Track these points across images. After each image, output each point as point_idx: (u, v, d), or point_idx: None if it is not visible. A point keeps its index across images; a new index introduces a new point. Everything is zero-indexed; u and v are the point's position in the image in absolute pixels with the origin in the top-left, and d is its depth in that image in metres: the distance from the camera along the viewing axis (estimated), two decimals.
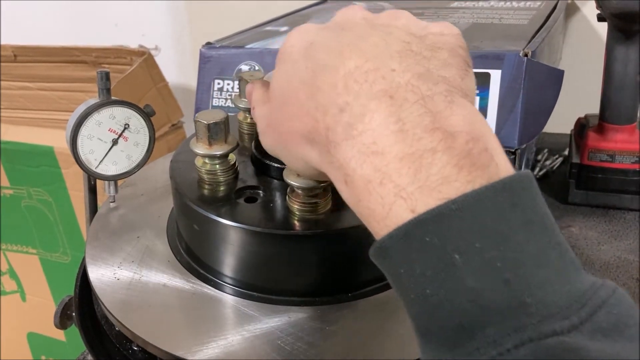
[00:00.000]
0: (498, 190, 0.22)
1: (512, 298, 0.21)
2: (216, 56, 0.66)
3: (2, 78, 1.13)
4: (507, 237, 0.22)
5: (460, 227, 0.22)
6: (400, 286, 0.24)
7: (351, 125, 0.24)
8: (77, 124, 0.44)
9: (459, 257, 0.22)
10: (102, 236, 0.46)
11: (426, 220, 0.22)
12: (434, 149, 0.23)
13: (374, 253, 0.24)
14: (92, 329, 0.43)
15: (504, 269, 0.21)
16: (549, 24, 0.68)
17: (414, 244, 0.22)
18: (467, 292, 0.22)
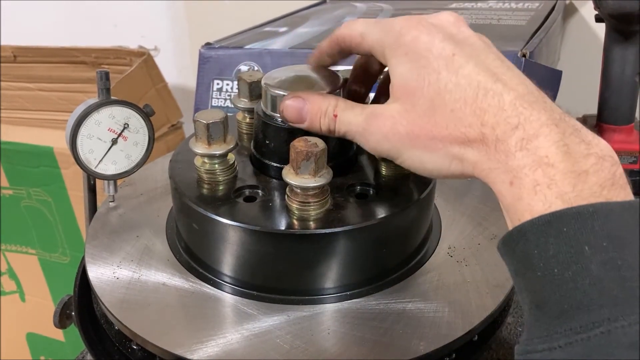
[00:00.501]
0: (626, 208, 0.28)
1: (626, 291, 0.26)
2: (215, 57, 0.66)
3: (2, 79, 1.13)
4: (628, 245, 0.27)
5: (592, 227, 0.27)
6: (528, 265, 0.28)
7: (526, 140, 0.30)
8: (77, 123, 0.44)
9: (588, 249, 0.27)
10: (102, 235, 0.46)
11: (567, 214, 0.27)
12: (587, 172, 0.29)
13: (509, 236, 0.29)
14: (91, 328, 0.43)
15: (623, 268, 0.26)
16: (547, 25, 0.69)
17: (552, 231, 0.27)
18: (590, 277, 0.26)
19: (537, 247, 0.28)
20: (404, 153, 0.35)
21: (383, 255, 0.40)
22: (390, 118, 0.35)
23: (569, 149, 0.29)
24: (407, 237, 0.41)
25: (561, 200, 0.28)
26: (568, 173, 0.29)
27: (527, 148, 0.29)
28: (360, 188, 0.41)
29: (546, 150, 0.29)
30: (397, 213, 0.39)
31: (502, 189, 0.30)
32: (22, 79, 1.12)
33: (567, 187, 0.28)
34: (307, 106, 0.38)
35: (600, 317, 0.26)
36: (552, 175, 0.29)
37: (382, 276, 0.40)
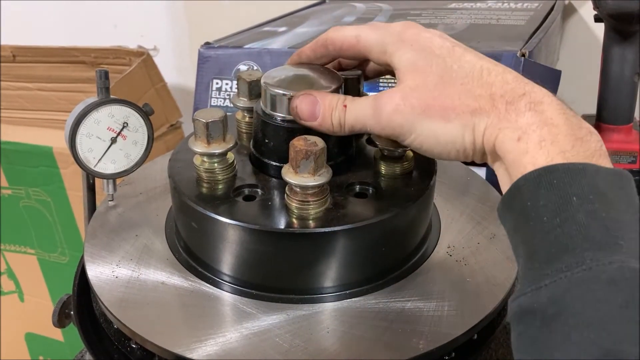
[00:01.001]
0: (611, 173, 0.31)
1: (610, 238, 0.28)
2: (215, 56, 0.66)
3: (2, 78, 1.13)
4: (612, 202, 0.29)
5: (580, 182, 0.30)
6: (522, 217, 0.31)
7: (534, 103, 0.33)
8: (76, 122, 0.44)
9: (576, 199, 0.29)
10: (101, 234, 0.46)
11: (558, 168, 0.30)
12: (582, 139, 0.32)
13: (508, 195, 0.32)
14: (90, 327, 0.43)
15: (607, 219, 0.29)
16: (546, 25, 0.69)
17: (543, 183, 0.30)
18: (576, 223, 0.29)
19: (530, 199, 0.30)
20: (416, 126, 0.36)
21: (382, 254, 0.40)
22: (401, 93, 0.36)
23: (567, 117, 0.33)
24: (406, 236, 0.41)
25: (562, 157, 0.31)
26: (569, 135, 0.32)
27: (535, 110, 0.33)
28: (360, 187, 0.41)
29: (551, 112, 0.33)
30: (397, 212, 0.39)
31: (510, 146, 0.33)
32: (21, 78, 1.12)
33: (567, 146, 0.31)
34: (319, 103, 0.38)
35: (583, 258, 0.28)
36: (555, 133, 0.32)
37: (381, 275, 0.40)
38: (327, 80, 0.41)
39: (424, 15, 0.78)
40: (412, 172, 0.42)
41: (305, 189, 0.37)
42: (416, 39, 0.37)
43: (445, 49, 0.37)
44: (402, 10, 0.83)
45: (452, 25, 0.71)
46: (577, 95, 0.78)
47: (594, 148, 0.32)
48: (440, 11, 0.81)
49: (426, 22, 0.74)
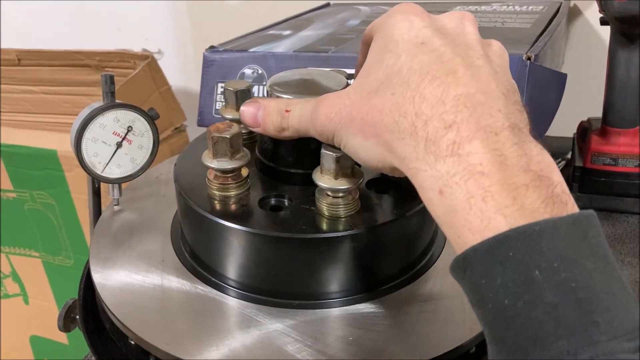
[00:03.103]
0: (570, 223, 0.25)
1: (584, 316, 0.24)
2: (219, 60, 0.66)
3: (6, 82, 1.13)
4: (577, 263, 0.24)
5: (540, 247, 0.24)
6: (479, 296, 0.26)
7: (458, 144, 0.27)
8: (82, 127, 0.44)
9: (539, 273, 0.24)
10: (106, 239, 0.46)
11: (511, 237, 0.25)
12: (527, 185, 0.26)
13: (455, 264, 0.27)
14: (96, 332, 0.43)
15: (577, 289, 0.24)
16: (552, 28, 0.68)
17: (497, 257, 0.25)
18: (544, 305, 0.24)
19: (484, 276, 0.25)
20: (341, 137, 0.33)
21: (390, 260, 0.40)
22: (336, 98, 0.33)
23: (506, 159, 0.26)
24: (413, 241, 0.41)
25: (502, 215, 0.25)
26: (505, 185, 0.26)
27: (458, 153, 0.27)
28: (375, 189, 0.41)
29: (480, 157, 0.26)
30: (401, 218, 0.38)
31: (432, 197, 0.28)
32: (26, 82, 1.13)
33: (507, 199, 0.25)
34: (260, 111, 0.37)
35: (559, 351, 0.23)
36: (486, 186, 0.26)
37: (388, 280, 0.40)
38: (333, 83, 0.41)
39: None
40: None
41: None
42: (391, 30, 0.32)
43: (412, 44, 0.30)
44: None
45: None
46: (582, 99, 0.78)
47: (546, 194, 0.26)
48: None
49: None
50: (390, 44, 0.31)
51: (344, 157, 0.36)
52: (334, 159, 0.36)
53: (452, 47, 0.30)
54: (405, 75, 0.29)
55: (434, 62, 0.29)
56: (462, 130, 0.27)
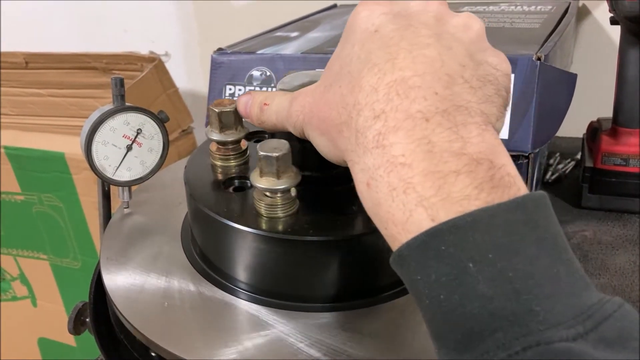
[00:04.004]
0: (512, 208, 0.24)
1: (521, 306, 0.23)
2: (227, 62, 0.66)
3: (14, 85, 1.14)
4: (519, 250, 0.24)
5: (474, 239, 0.23)
6: (417, 292, 0.25)
7: (383, 135, 0.26)
8: (92, 130, 0.44)
9: (473, 266, 0.23)
10: (117, 242, 0.46)
11: (442, 230, 0.24)
12: (458, 171, 0.25)
13: (393, 261, 0.26)
14: (106, 334, 0.43)
15: (515, 279, 0.23)
16: (561, 28, 0.68)
17: (430, 252, 0.24)
18: (478, 298, 0.23)
19: (419, 272, 0.24)
20: (308, 133, 0.33)
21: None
22: (305, 93, 0.33)
23: (433, 146, 0.25)
24: None
25: (422, 207, 0.25)
26: (430, 174, 0.25)
27: (382, 145, 0.26)
28: None
29: (403, 148, 0.25)
30: None
31: (361, 189, 0.27)
32: (33, 84, 1.13)
33: (429, 190, 0.25)
34: (250, 100, 0.38)
35: (495, 344, 0.23)
36: (408, 177, 0.25)
37: (400, 282, 0.40)
38: None
39: None
40: None
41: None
42: (352, 21, 0.31)
43: (367, 33, 0.29)
44: None
45: None
46: (592, 98, 0.78)
47: (483, 178, 0.25)
48: None
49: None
50: (350, 35, 0.31)
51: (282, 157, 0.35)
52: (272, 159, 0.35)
53: (402, 31, 0.29)
54: (353, 66, 0.29)
55: (379, 49, 0.28)
56: (389, 119, 0.26)
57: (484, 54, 0.30)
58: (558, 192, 0.75)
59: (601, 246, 0.63)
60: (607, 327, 0.23)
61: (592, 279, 0.57)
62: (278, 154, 0.35)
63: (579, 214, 0.70)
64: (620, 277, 0.58)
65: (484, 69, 0.29)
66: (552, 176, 0.78)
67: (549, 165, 0.80)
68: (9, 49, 1.15)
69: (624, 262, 0.60)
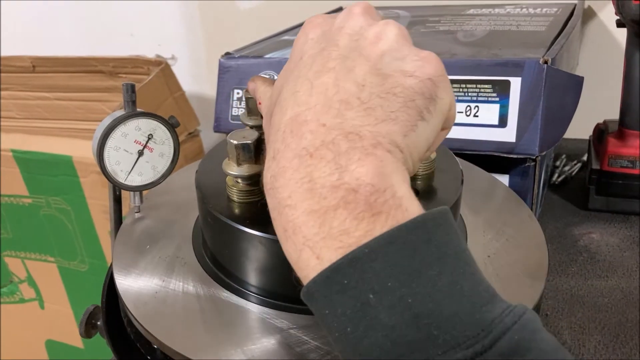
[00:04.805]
0: (410, 229, 0.24)
1: (421, 331, 0.23)
2: (235, 66, 0.67)
3: (21, 89, 1.14)
4: (419, 273, 0.24)
5: (373, 269, 0.24)
6: (327, 326, 0.26)
7: (274, 177, 0.27)
8: (104, 135, 0.44)
9: (373, 297, 0.23)
10: (128, 246, 0.46)
11: (342, 264, 0.24)
12: (335, 206, 0.25)
13: (303, 296, 0.26)
14: (119, 338, 0.44)
15: (414, 304, 0.23)
16: (567, 31, 0.68)
17: (334, 287, 0.24)
18: (381, 328, 0.23)
19: (326, 306, 0.25)
20: None
21: None
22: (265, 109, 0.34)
23: (314, 184, 0.25)
24: None
25: (308, 247, 0.25)
26: (311, 213, 0.25)
27: (274, 187, 0.26)
28: None
29: (289, 189, 0.26)
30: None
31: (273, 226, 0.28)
32: (40, 88, 1.14)
33: (311, 229, 0.25)
34: (256, 90, 0.38)
35: None
36: (294, 218, 0.25)
37: None
38: None
39: (443, 22, 0.78)
40: (433, 172, 0.42)
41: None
42: (295, 42, 0.32)
43: (293, 62, 0.31)
44: (420, 16, 0.83)
45: (472, 32, 0.71)
46: (598, 101, 0.78)
47: (362, 207, 0.24)
48: (459, 17, 0.80)
49: (445, 28, 0.74)
50: (289, 62, 0.31)
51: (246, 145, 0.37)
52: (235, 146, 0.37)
53: (315, 57, 0.29)
54: (279, 98, 0.29)
55: (291, 82, 0.29)
56: (281, 160, 0.26)
57: (400, 63, 0.29)
58: (565, 194, 0.75)
59: (608, 248, 0.64)
60: (505, 342, 0.23)
61: (600, 281, 0.57)
62: (251, 141, 0.38)
63: (585, 216, 0.70)
64: (628, 278, 0.58)
65: (391, 81, 0.28)
66: (559, 178, 0.78)
67: (555, 167, 0.80)
68: (16, 52, 1.16)
69: (631, 264, 0.60)
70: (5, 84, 1.15)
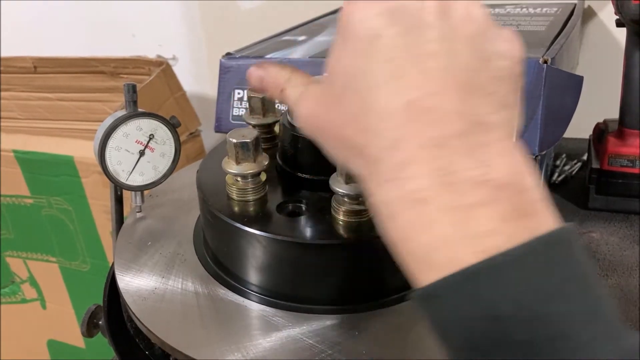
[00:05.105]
0: (548, 245, 0.23)
1: (558, 353, 0.22)
2: (236, 66, 0.67)
3: (23, 89, 1.15)
4: (554, 292, 0.22)
5: (511, 279, 0.22)
6: (444, 331, 0.24)
7: (399, 167, 0.24)
8: (105, 135, 0.44)
9: (507, 310, 0.22)
10: (130, 246, 0.46)
11: (480, 269, 0.22)
12: (479, 203, 0.23)
13: (419, 296, 0.25)
14: (121, 337, 0.44)
15: (551, 325, 0.22)
16: (567, 30, 0.68)
17: (464, 294, 0.23)
18: (513, 343, 0.22)
19: (452, 310, 0.23)
20: (318, 140, 0.30)
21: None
22: (311, 99, 0.30)
23: (451, 178, 0.23)
24: None
25: (442, 246, 0.23)
26: (448, 210, 0.23)
27: (398, 177, 0.24)
28: None
29: (419, 182, 0.24)
30: None
31: (382, 220, 0.25)
32: (42, 89, 1.14)
33: (449, 228, 0.23)
34: (265, 76, 0.35)
35: None
36: (427, 213, 0.23)
37: (409, 285, 0.40)
38: None
39: None
40: None
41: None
42: (345, 21, 0.28)
43: (365, 40, 0.26)
44: None
45: None
46: (598, 100, 0.78)
47: (505, 209, 0.23)
48: None
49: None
50: (347, 41, 0.27)
51: None
52: None
53: (404, 37, 0.26)
54: (359, 83, 0.26)
55: (385, 63, 0.26)
56: (404, 149, 0.24)
57: (493, 44, 0.27)
58: (564, 194, 0.75)
59: (608, 247, 0.64)
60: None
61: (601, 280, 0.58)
62: (250, 140, 0.38)
63: (585, 215, 0.70)
64: (627, 277, 0.58)
65: (495, 65, 0.26)
66: (559, 177, 0.78)
67: (555, 167, 0.80)
68: (16, 53, 1.16)
69: (631, 263, 0.60)
70: (7, 84, 1.16)
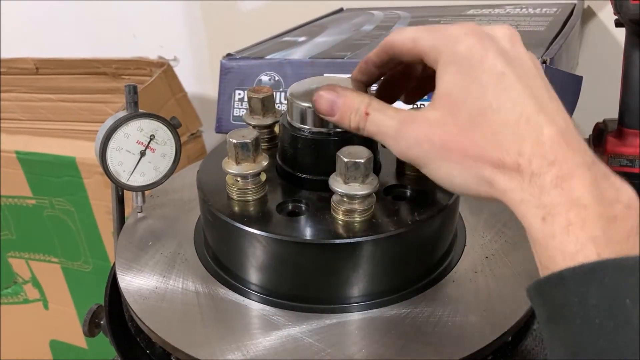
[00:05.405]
0: None
1: None
2: (236, 67, 0.67)
3: (25, 90, 1.15)
4: None
5: (632, 279, 0.27)
6: (567, 312, 0.28)
7: (563, 178, 0.30)
8: (106, 136, 0.45)
9: (630, 302, 0.26)
10: (131, 246, 0.47)
11: (609, 265, 0.27)
12: (616, 217, 0.29)
13: (546, 281, 0.29)
14: (122, 336, 0.44)
15: None
16: (566, 30, 0.69)
17: (594, 280, 0.27)
18: (633, 330, 0.26)
19: (577, 295, 0.28)
20: (432, 163, 0.34)
21: (411, 263, 0.40)
22: (426, 124, 0.34)
23: (600, 193, 0.29)
24: (435, 244, 0.42)
25: (592, 244, 0.28)
26: (599, 217, 0.29)
27: (562, 187, 0.29)
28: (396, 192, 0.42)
29: (580, 192, 0.29)
30: (427, 220, 0.39)
31: (534, 222, 0.30)
32: (44, 90, 1.14)
33: (598, 230, 0.28)
34: (339, 100, 0.37)
35: None
36: (584, 216, 0.29)
37: (408, 285, 0.41)
38: None
39: (443, 22, 0.78)
40: None
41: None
42: (466, 55, 0.33)
43: (494, 76, 0.32)
44: (421, 17, 0.83)
45: None
46: (597, 100, 0.78)
47: (630, 226, 0.29)
48: (458, 18, 0.81)
49: None
50: (471, 72, 0.33)
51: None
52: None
53: (524, 78, 0.32)
54: (501, 115, 0.32)
55: (522, 97, 0.32)
56: (563, 167, 0.30)
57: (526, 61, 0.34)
58: None
59: None
60: None
61: None
62: (250, 140, 0.39)
63: None
64: None
65: (541, 80, 0.34)
66: None
67: None
68: (17, 54, 1.16)
69: None
70: (9, 85, 1.16)
